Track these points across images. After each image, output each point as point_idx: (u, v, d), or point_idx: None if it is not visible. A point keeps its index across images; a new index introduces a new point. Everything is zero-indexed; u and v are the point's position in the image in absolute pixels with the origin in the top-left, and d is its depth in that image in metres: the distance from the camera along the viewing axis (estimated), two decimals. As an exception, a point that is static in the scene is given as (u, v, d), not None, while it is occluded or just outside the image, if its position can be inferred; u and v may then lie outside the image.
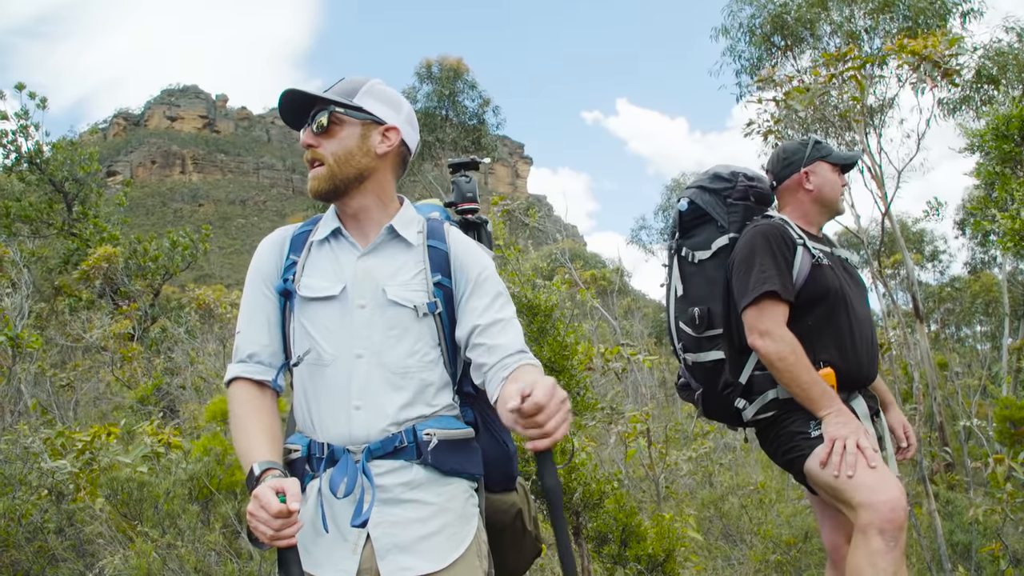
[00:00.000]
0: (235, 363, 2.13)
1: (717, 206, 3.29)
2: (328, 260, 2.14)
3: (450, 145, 25.27)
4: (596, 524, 4.40)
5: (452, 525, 2.03)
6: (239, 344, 2.14)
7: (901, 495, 2.77)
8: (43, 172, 14.58)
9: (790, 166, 3.32)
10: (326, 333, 2.06)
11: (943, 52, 4.96)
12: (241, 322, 2.17)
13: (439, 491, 2.04)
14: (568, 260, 11.22)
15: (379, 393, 2.02)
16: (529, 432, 1.64)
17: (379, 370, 2.02)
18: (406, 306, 2.07)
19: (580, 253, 32.74)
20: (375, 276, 2.09)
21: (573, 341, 4.58)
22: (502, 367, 2.02)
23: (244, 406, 2.06)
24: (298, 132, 2.18)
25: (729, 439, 10.85)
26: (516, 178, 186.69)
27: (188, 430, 7.56)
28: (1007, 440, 5.62)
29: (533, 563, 2.56)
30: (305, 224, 2.26)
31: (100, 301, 13.25)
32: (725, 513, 7.53)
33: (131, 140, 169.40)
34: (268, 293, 2.16)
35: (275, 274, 2.17)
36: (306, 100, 2.12)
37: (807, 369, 2.89)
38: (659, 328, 25.18)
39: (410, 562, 1.94)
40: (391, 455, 1.99)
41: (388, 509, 1.97)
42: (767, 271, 2.99)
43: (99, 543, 4.69)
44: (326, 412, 2.03)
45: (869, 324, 3.17)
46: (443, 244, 2.19)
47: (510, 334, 2.10)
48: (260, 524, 1.76)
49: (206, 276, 64.49)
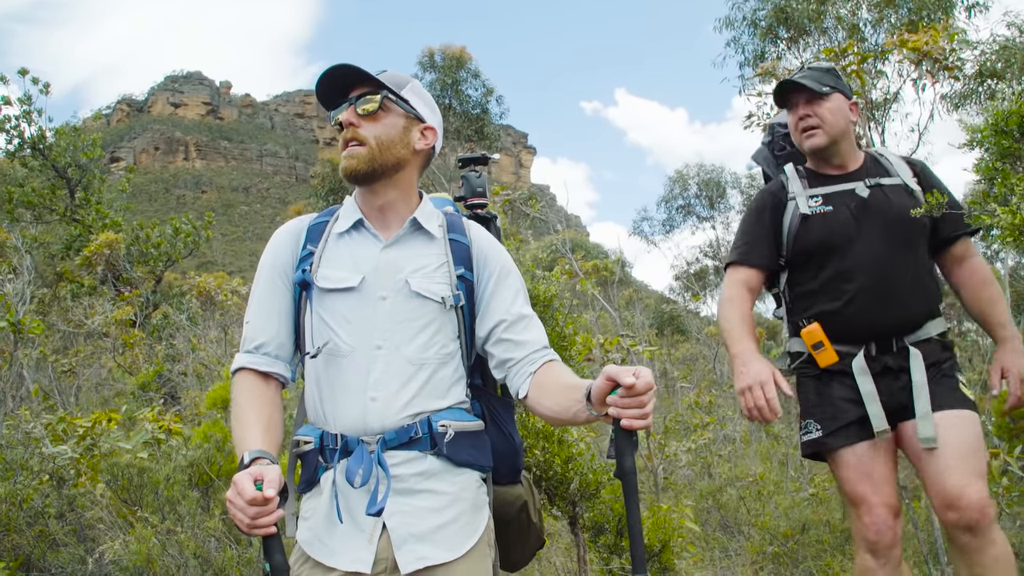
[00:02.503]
0: (242, 353, 2.13)
1: (768, 159, 3.39)
2: (347, 251, 2.14)
3: (453, 134, 25.24)
4: (593, 514, 4.42)
5: (465, 515, 2.06)
6: (247, 334, 2.14)
7: (886, 514, 2.78)
8: (46, 158, 14.57)
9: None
10: (345, 324, 2.06)
11: (943, 47, 4.95)
12: (251, 312, 2.17)
13: (452, 481, 2.06)
14: (569, 251, 11.21)
15: (396, 384, 2.03)
16: (628, 412, 1.75)
17: (398, 362, 2.04)
18: (432, 299, 2.09)
19: (582, 243, 32.72)
20: (399, 268, 2.10)
21: (572, 332, 4.60)
22: (529, 362, 2.12)
23: (245, 396, 2.06)
24: (328, 110, 2.18)
25: (729, 431, 10.87)
26: (520, 167, 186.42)
27: (189, 417, 7.58)
28: (1005, 434, 5.62)
29: (536, 554, 2.58)
30: (322, 215, 2.26)
31: (102, 287, 13.26)
32: (723, 504, 7.55)
33: (134, 126, 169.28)
34: (282, 284, 2.16)
35: (291, 264, 2.17)
36: (350, 79, 2.14)
37: (726, 319, 3.04)
38: (660, 319, 25.18)
39: (427, 551, 1.96)
40: (406, 446, 2.01)
41: (403, 499, 1.99)
42: (737, 241, 3.21)
43: (99, 528, 4.72)
44: (341, 403, 2.04)
45: (888, 264, 2.97)
46: (464, 238, 2.22)
47: (535, 331, 2.20)
48: (236, 511, 1.78)
49: (208, 263, 64.56)
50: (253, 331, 2.13)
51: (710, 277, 27.11)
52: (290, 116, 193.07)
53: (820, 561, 5.80)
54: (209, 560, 4.37)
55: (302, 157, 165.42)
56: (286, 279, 2.16)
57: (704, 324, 24.85)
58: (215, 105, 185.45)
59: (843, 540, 6.06)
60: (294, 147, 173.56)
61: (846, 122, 3.10)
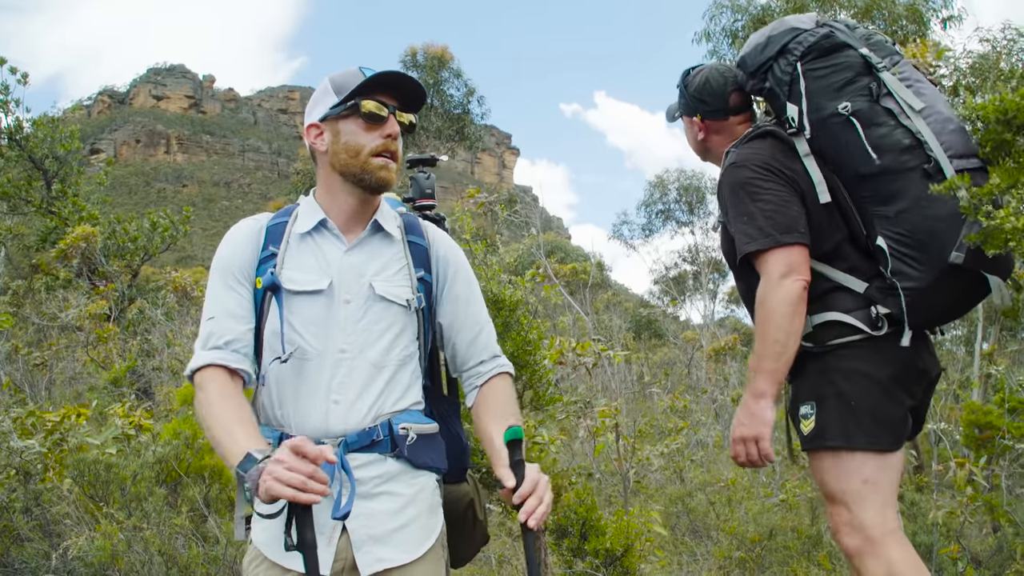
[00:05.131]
0: (208, 349, 2.03)
1: None
2: (312, 253, 2.12)
3: (434, 133, 25.20)
4: (556, 517, 4.45)
5: (423, 516, 2.09)
6: (213, 330, 2.05)
7: (865, 541, 2.68)
8: (23, 149, 14.44)
9: None
10: (311, 328, 2.05)
11: (930, 62, 4.99)
12: (213, 308, 2.08)
13: (410, 483, 2.08)
14: (544, 255, 11.25)
15: (359, 387, 2.05)
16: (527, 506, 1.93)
17: (361, 365, 2.06)
18: (396, 302, 2.12)
19: (562, 246, 32.77)
20: (362, 271, 2.11)
21: (537, 337, 4.62)
22: (476, 375, 2.23)
23: (221, 392, 1.98)
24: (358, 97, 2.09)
25: (701, 436, 10.92)
26: (503, 168, 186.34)
27: (162, 413, 7.56)
28: (972, 445, 5.69)
29: (480, 550, 2.62)
30: (279, 215, 2.21)
31: (77, 281, 13.17)
32: (692, 509, 7.59)
33: (116, 118, 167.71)
34: (244, 284, 2.10)
35: (250, 266, 2.12)
36: (401, 89, 2.13)
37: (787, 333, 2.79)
38: (638, 322, 25.25)
39: (386, 553, 1.99)
40: (367, 448, 2.03)
41: (362, 502, 1.99)
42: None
43: (66, 524, 4.70)
44: (303, 406, 2.03)
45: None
46: (423, 240, 2.24)
47: (486, 336, 2.27)
48: (290, 470, 1.68)
49: (188, 257, 64.06)
50: (220, 328, 2.05)
51: (688, 282, 27.24)
52: (273, 111, 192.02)
53: (786, 567, 5.84)
54: (175, 557, 4.36)
55: (284, 153, 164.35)
56: (247, 279, 2.11)
57: (681, 328, 24.95)
58: (198, 99, 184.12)
59: (810, 546, 6.12)
60: (276, 143, 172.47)
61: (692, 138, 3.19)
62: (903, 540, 2.67)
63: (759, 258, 2.71)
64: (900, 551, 2.61)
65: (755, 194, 2.74)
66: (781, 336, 2.63)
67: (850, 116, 2.69)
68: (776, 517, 6.97)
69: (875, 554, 2.61)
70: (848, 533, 2.67)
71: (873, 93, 2.70)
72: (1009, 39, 8.68)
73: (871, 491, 2.65)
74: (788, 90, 2.81)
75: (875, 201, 2.69)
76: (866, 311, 2.69)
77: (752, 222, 2.72)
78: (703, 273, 25.78)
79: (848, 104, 2.70)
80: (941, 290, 2.64)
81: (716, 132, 3.09)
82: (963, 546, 5.16)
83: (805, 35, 2.80)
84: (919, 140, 2.64)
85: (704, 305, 26.14)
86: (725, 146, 3.03)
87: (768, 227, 2.68)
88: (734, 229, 2.79)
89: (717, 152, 3.10)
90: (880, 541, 2.61)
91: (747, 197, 2.76)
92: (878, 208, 2.69)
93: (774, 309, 2.62)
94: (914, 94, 2.71)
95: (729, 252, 2.94)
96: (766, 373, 2.67)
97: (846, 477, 2.68)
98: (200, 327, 2.10)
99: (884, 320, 2.67)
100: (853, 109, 2.69)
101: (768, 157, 2.81)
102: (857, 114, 2.68)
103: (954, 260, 2.57)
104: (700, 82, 3.05)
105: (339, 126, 2.10)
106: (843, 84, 2.73)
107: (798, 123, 2.78)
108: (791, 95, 2.80)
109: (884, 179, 2.66)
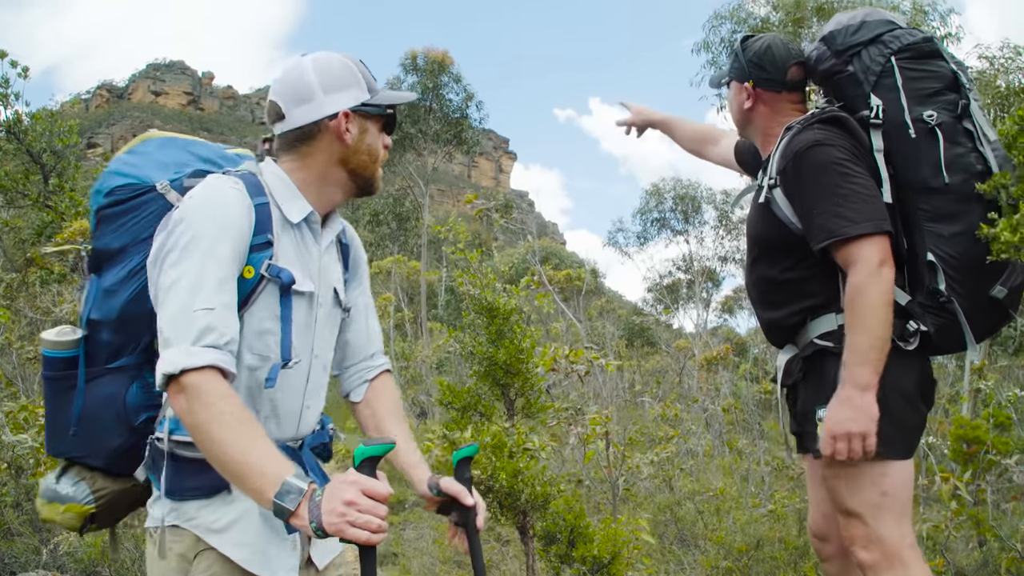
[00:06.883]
0: (203, 347, 1.70)
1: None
2: (294, 248, 1.96)
3: (432, 137, 25.27)
4: (545, 524, 4.48)
5: None
6: (211, 323, 1.72)
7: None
8: (21, 142, 14.38)
9: None
10: (299, 331, 1.96)
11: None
12: (210, 296, 1.74)
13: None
14: (539, 262, 11.27)
15: (320, 392, 2.10)
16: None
17: (322, 369, 2.09)
18: (344, 307, 2.16)
19: (557, 252, 32.82)
20: (329, 274, 2.09)
21: (529, 345, 4.63)
22: (366, 368, 2.28)
23: (231, 402, 1.69)
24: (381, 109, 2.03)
25: (692, 444, 10.95)
26: (500, 173, 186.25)
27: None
28: (960, 459, 5.73)
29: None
30: (253, 190, 1.91)
31: (72, 275, 13.15)
32: (680, 518, 7.62)
33: (114, 112, 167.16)
34: (234, 273, 1.82)
35: (244, 250, 1.85)
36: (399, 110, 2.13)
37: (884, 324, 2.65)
38: (631, 330, 25.29)
39: (331, 545, 2.07)
40: (316, 448, 2.11)
41: None
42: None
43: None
44: (283, 411, 1.98)
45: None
46: (345, 237, 2.22)
47: (376, 334, 2.32)
48: (366, 513, 1.57)
49: (182, 254, 63.87)
50: (221, 323, 1.74)
51: (682, 290, 27.30)
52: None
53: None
54: (164, 555, 4.37)
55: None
56: (239, 265, 1.84)
57: (674, 337, 24.99)
58: (196, 95, 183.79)
59: (797, 557, 6.14)
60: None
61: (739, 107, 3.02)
62: (919, 554, 2.64)
63: (854, 243, 2.55)
64: (918, 566, 2.58)
65: (849, 176, 2.61)
66: (883, 326, 2.52)
67: (935, 126, 2.62)
68: (764, 527, 7.01)
69: (892, 569, 2.57)
70: (865, 547, 2.62)
71: (958, 110, 2.65)
72: (1008, 57, 8.72)
73: (889, 503, 2.60)
74: (875, 81, 2.71)
75: (932, 217, 2.63)
76: (901, 322, 2.61)
77: (848, 204, 2.57)
78: (697, 282, 25.86)
79: (934, 114, 2.63)
80: (975, 320, 2.62)
81: (765, 103, 2.94)
82: (948, 560, 5.19)
83: (902, 32, 2.72)
84: (988, 168, 2.62)
85: (697, 314, 26.25)
86: (769, 121, 2.94)
87: (869, 211, 2.56)
88: (819, 210, 2.62)
89: (759, 125, 2.98)
90: (898, 555, 2.58)
91: (840, 178, 2.62)
92: (932, 225, 2.62)
93: (877, 297, 2.50)
94: (987, 123, 2.70)
95: (765, 232, 2.86)
96: (872, 364, 2.52)
97: (864, 487, 2.62)
98: (180, 314, 1.73)
99: (917, 338, 2.62)
100: (938, 120, 2.62)
101: (850, 143, 2.69)
102: (941, 126, 2.62)
103: (996, 295, 2.58)
104: (761, 47, 2.91)
105: (367, 125, 2.00)
106: (932, 93, 2.66)
107: (881, 117, 2.68)
108: (876, 87, 2.70)
109: (948, 198, 2.61)
